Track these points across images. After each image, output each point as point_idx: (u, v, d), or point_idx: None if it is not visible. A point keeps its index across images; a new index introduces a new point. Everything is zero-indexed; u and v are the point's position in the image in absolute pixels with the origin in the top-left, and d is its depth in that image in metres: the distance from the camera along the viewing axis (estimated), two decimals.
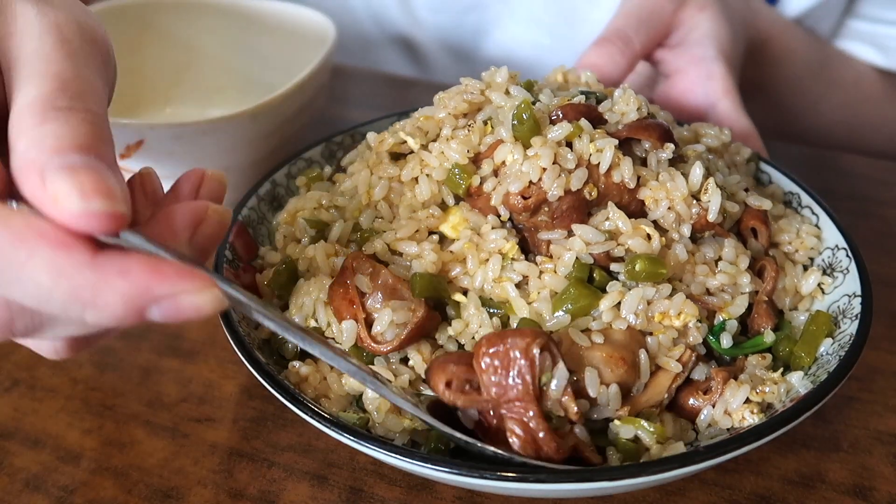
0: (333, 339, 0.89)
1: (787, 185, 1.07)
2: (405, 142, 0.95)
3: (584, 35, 1.68)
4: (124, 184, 0.63)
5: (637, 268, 0.86)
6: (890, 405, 1.01)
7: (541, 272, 0.88)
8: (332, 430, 0.78)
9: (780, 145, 1.51)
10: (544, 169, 0.87)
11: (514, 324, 0.86)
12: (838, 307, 0.93)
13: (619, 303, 0.85)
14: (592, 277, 0.87)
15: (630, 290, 0.85)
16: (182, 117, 1.47)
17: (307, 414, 0.79)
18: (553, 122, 0.91)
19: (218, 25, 1.52)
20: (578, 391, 0.78)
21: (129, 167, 1.17)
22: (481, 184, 0.90)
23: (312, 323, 0.91)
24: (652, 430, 0.81)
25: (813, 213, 1.02)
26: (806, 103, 1.64)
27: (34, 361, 1.07)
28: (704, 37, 1.28)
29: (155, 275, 0.58)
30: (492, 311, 0.87)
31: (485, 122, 0.94)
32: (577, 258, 0.87)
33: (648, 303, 0.86)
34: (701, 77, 1.27)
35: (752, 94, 1.29)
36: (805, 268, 0.98)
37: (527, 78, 1.02)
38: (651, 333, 0.86)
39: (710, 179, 0.91)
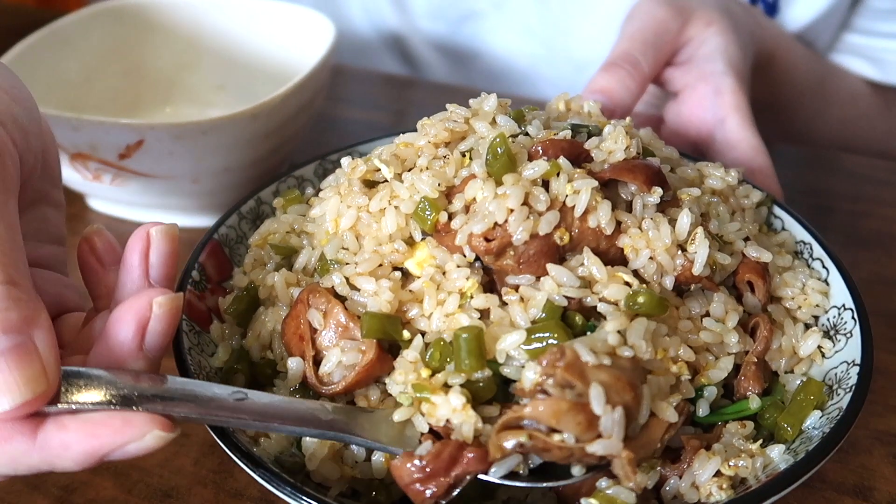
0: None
1: (801, 233, 0.99)
2: (379, 169, 0.91)
3: (578, 46, 1.67)
4: (44, 334, 0.65)
5: (640, 300, 0.80)
6: (890, 405, 1.00)
7: (504, 303, 0.83)
8: (261, 477, 0.75)
9: (781, 146, 1.48)
10: (511, 210, 0.81)
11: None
12: (835, 374, 0.86)
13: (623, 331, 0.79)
14: (566, 320, 0.81)
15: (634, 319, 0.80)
16: (182, 117, 1.48)
17: (238, 457, 0.76)
18: (532, 158, 0.85)
19: (218, 25, 1.52)
20: (581, 407, 0.72)
21: (130, 167, 1.17)
22: (450, 220, 0.85)
23: (269, 354, 0.88)
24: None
25: (823, 266, 0.94)
26: (804, 119, 1.58)
27: None
28: (713, 52, 1.22)
29: (93, 439, 0.65)
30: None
31: (463, 154, 0.89)
32: (548, 300, 0.81)
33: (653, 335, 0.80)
34: (709, 93, 1.20)
35: (754, 109, 1.22)
36: (807, 326, 0.91)
37: (521, 91, 0.97)
38: (651, 372, 0.79)
39: (699, 228, 0.84)
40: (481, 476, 0.74)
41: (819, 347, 0.89)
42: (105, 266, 0.78)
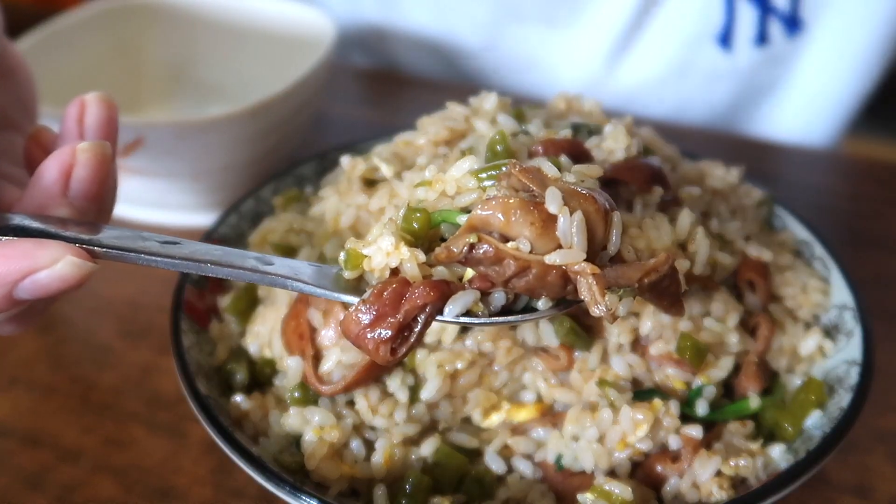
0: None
1: (801, 232, 0.99)
2: (379, 168, 0.90)
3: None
4: None
5: None
6: (890, 404, 1.00)
7: None
8: (260, 477, 0.75)
9: (781, 146, 1.46)
10: None
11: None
12: (836, 374, 0.85)
13: None
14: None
15: None
16: (182, 115, 1.48)
17: (237, 456, 0.76)
18: (531, 157, 0.85)
19: (218, 24, 1.51)
20: (534, 205, 0.65)
21: (130, 165, 1.17)
22: None
23: (268, 353, 0.88)
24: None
25: (825, 266, 0.94)
26: None
27: (33, 360, 1.08)
28: None
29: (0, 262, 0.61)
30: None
31: (463, 153, 0.88)
32: None
33: None
34: None
35: None
36: (808, 326, 0.90)
37: (519, 96, 0.96)
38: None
39: (699, 228, 0.84)
40: (437, 318, 0.67)
41: (820, 347, 0.88)
42: (47, 151, 0.74)
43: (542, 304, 0.69)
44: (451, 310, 0.67)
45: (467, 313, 0.67)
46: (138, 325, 1.12)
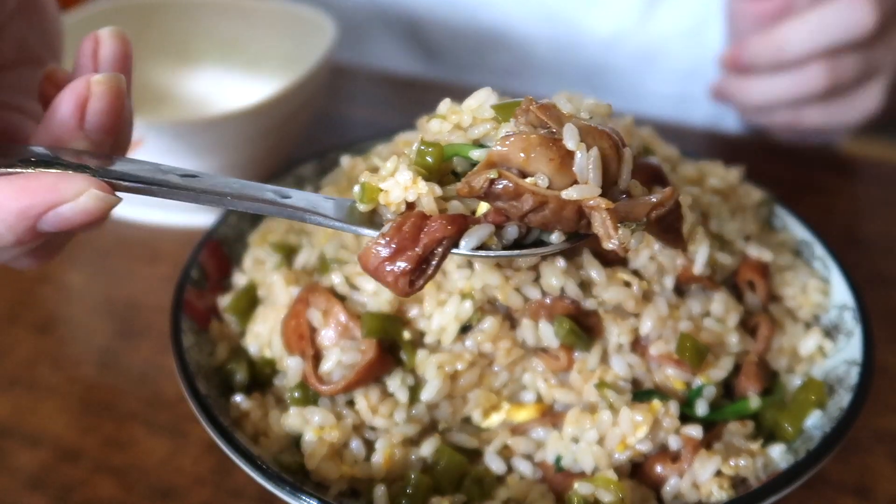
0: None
1: (801, 232, 0.99)
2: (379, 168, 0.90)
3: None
4: None
5: None
6: (890, 404, 1.00)
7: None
8: (260, 477, 0.75)
9: (780, 147, 1.47)
10: None
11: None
12: (836, 374, 0.85)
13: None
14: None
15: None
16: (182, 115, 1.48)
17: (236, 456, 0.76)
18: None
19: (218, 24, 1.51)
20: (553, 141, 0.66)
21: None
22: None
23: (268, 353, 0.88)
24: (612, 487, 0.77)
25: (825, 265, 0.94)
26: None
27: (33, 360, 1.07)
28: None
29: (23, 195, 0.61)
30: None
31: None
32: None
33: None
34: None
35: None
36: (808, 326, 0.90)
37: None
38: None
39: (699, 228, 0.84)
40: (453, 251, 0.68)
41: (820, 347, 0.89)
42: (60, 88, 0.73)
43: (555, 237, 0.70)
44: (467, 243, 0.68)
45: (482, 247, 0.68)
46: (138, 325, 1.12)
